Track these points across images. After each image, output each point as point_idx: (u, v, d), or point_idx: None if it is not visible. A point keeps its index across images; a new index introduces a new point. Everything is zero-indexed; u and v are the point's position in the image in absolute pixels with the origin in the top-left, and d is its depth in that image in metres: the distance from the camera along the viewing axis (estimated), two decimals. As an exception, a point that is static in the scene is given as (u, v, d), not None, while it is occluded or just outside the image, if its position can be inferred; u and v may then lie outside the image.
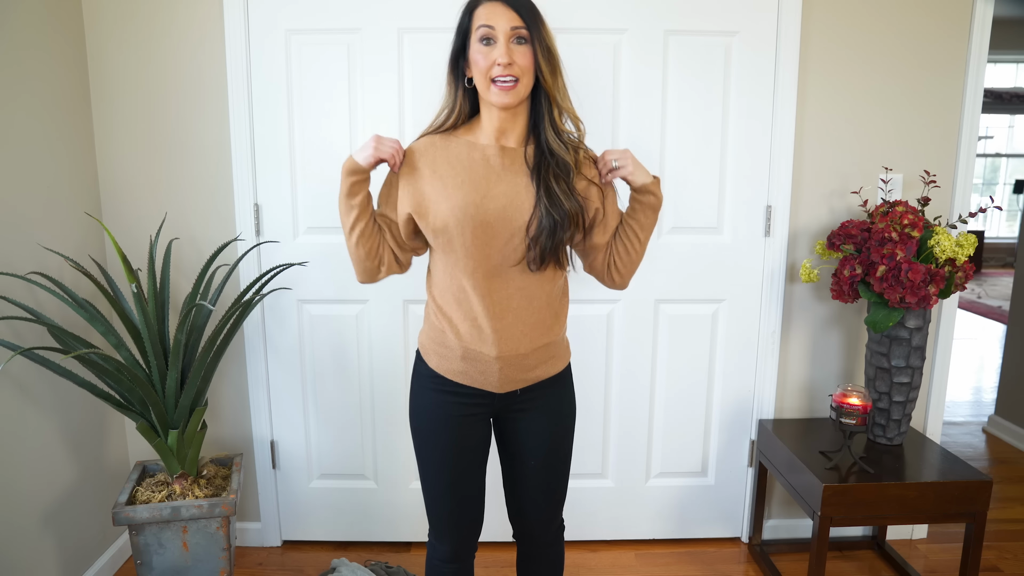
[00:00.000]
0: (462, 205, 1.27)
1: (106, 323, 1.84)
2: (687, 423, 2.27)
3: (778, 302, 2.18)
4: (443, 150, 1.33)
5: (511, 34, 1.23)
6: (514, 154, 1.32)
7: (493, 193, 1.29)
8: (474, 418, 1.41)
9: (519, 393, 1.40)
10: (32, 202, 1.80)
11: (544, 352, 1.39)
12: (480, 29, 1.24)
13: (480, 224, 1.28)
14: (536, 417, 1.43)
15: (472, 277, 1.31)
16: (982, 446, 3.17)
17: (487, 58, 1.23)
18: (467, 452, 1.42)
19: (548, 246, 1.29)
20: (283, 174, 2.09)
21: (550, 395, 1.43)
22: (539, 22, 1.26)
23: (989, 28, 2.07)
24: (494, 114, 1.30)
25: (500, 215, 1.28)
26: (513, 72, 1.23)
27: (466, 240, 1.28)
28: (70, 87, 1.95)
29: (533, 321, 1.35)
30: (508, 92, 1.24)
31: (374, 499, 2.28)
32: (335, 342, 2.18)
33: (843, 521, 1.82)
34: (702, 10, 2.02)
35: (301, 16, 2.00)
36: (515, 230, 1.29)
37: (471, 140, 1.33)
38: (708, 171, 2.11)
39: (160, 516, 1.78)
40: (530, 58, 1.24)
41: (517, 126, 1.32)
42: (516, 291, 1.33)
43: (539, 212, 1.28)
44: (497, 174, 1.30)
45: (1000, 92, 7.08)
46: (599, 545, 2.32)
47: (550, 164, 1.29)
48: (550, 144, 1.30)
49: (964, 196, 2.16)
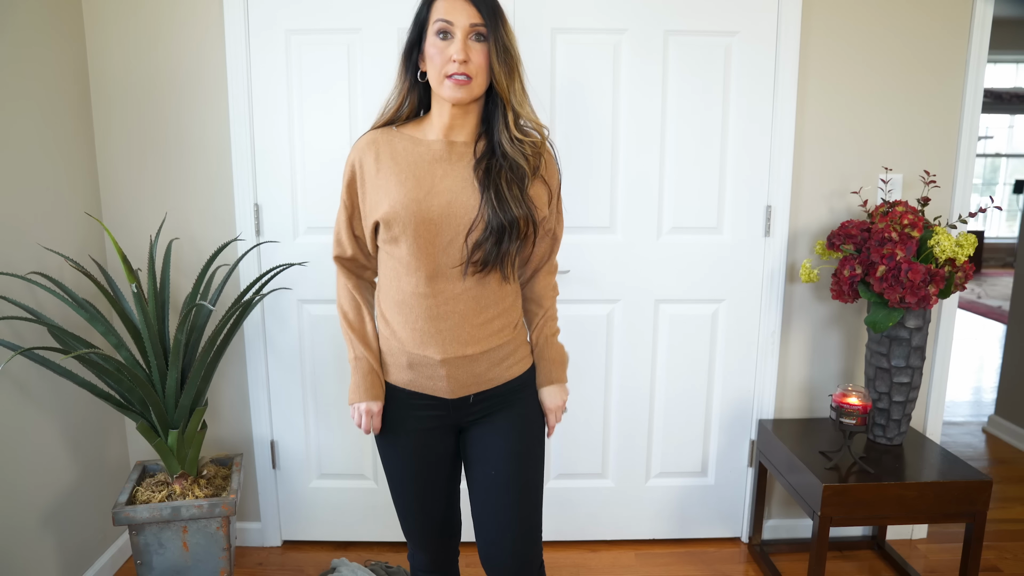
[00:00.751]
0: (404, 202, 1.23)
1: (106, 323, 1.84)
2: (687, 423, 2.27)
3: (778, 302, 2.18)
4: (386, 145, 1.28)
5: (469, 31, 1.19)
6: (463, 149, 1.27)
7: (437, 189, 1.24)
8: (434, 431, 1.35)
9: (471, 400, 1.33)
10: (32, 202, 1.80)
11: (496, 354, 1.32)
12: (438, 23, 1.20)
13: (423, 222, 1.23)
14: (497, 420, 1.35)
15: (415, 276, 1.26)
16: (982, 446, 3.17)
17: (443, 54, 1.20)
18: (430, 467, 1.36)
19: (492, 254, 1.23)
20: (283, 174, 2.09)
21: (510, 402, 1.35)
22: (499, 20, 1.22)
23: (989, 28, 2.07)
24: (445, 109, 1.25)
25: (444, 211, 1.23)
26: (468, 70, 1.19)
27: (408, 238, 1.24)
28: (70, 87, 1.95)
29: (480, 322, 1.29)
30: (461, 87, 1.20)
31: (374, 499, 2.28)
32: (335, 342, 2.18)
33: (843, 521, 1.82)
34: (702, 10, 2.02)
35: (301, 16, 2.00)
36: (459, 229, 1.24)
37: (416, 135, 1.29)
38: (708, 171, 2.11)
39: (160, 516, 1.78)
40: (487, 57, 1.20)
41: (468, 123, 1.27)
42: (462, 292, 1.27)
43: (485, 214, 1.22)
44: (443, 169, 1.25)
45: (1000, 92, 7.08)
46: (599, 545, 2.32)
47: (502, 166, 1.24)
48: (503, 145, 1.25)
49: (964, 196, 2.16)
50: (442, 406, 1.33)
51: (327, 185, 2.09)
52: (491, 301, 1.30)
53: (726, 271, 2.17)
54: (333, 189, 2.09)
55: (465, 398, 1.33)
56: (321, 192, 2.09)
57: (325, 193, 2.09)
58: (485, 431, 1.36)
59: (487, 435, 1.35)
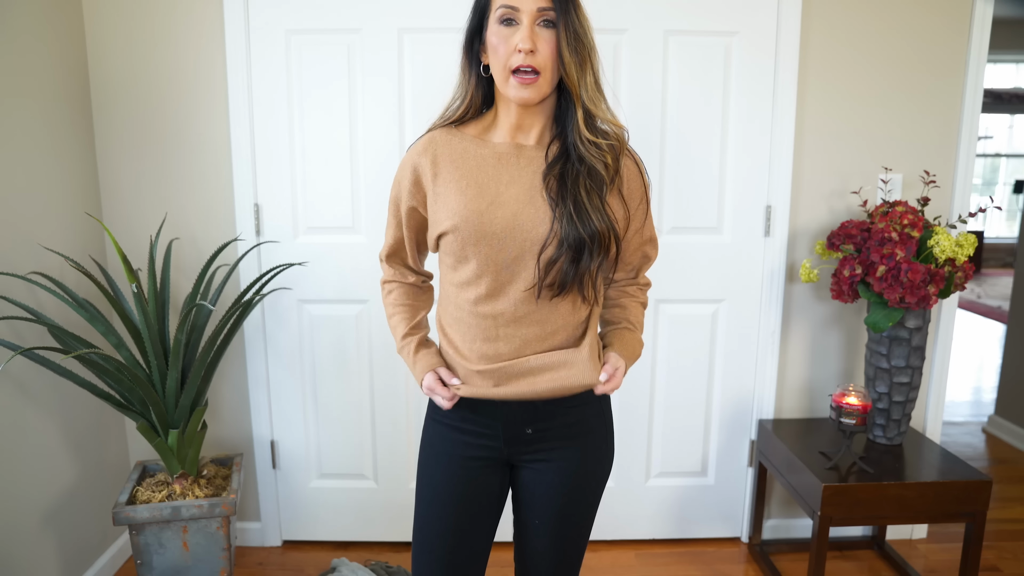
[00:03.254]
0: (464, 214, 1.10)
1: (106, 323, 1.84)
2: (687, 423, 2.27)
3: (778, 302, 2.19)
4: (445, 146, 1.15)
5: (537, 16, 1.05)
6: (532, 153, 1.13)
7: (502, 199, 1.10)
8: (480, 461, 1.20)
9: (529, 432, 1.18)
10: (32, 202, 1.80)
11: (550, 355, 1.14)
12: (500, 8, 1.06)
13: (484, 236, 1.09)
14: (547, 470, 1.20)
15: (474, 294, 1.13)
16: (982, 446, 3.17)
17: (507, 43, 1.06)
18: (469, 501, 1.20)
19: (570, 274, 1.08)
20: (283, 174, 2.09)
21: (571, 445, 1.19)
22: (571, 2, 1.07)
23: (989, 28, 2.07)
24: (511, 109, 1.12)
25: (509, 224, 1.09)
26: (535, 62, 1.05)
27: (468, 255, 1.11)
28: (70, 87, 1.95)
29: (544, 348, 1.15)
30: (528, 86, 1.06)
31: (374, 499, 2.28)
32: (335, 342, 2.18)
33: (843, 521, 1.82)
34: (702, 10, 2.02)
35: (301, 16, 2.00)
36: (527, 246, 1.09)
37: (480, 137, 1.16)
38: (708, 171, 2.11)
39: (160, 516, 1.78)
40: (556, 45, 1.06)
41: (538, 122, 1.14)
42: (526, 315, 1.12)
43: (560, 228, 1.07)
44: (510, 175, 1.12)
45: (1000, 92, 7.08)
46: (599, 545, 2.32)
47: (579, 172, 1.09)
48: (579, 148, 1.10)
49: (964, 196, 2.16)
50: (494, 435, 1.19)
51: (327, 185, 2.09)
52: (560, 325, 1.15)
53: (726, 271, 2.17)
54: (333, 189, 2.09)
55: (522, 429, 1.18)
56: (321, 192, 2.09)
57: (325, 193, 2.09)
58: (535, 476, 1.21)
59: (536, 481, 1.21)
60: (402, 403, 2.22)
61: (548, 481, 1.20)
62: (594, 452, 1.22)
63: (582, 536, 1.27)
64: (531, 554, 1.27)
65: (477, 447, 1.20)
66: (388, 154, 2.06)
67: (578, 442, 1.20)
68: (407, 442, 2.24)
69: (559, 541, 1.24)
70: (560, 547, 1.24)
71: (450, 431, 1.21)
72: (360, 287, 2.14)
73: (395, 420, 2.23)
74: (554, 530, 1.22)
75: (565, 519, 1.22)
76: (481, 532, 1.24)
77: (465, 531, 1.22)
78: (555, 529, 1.22)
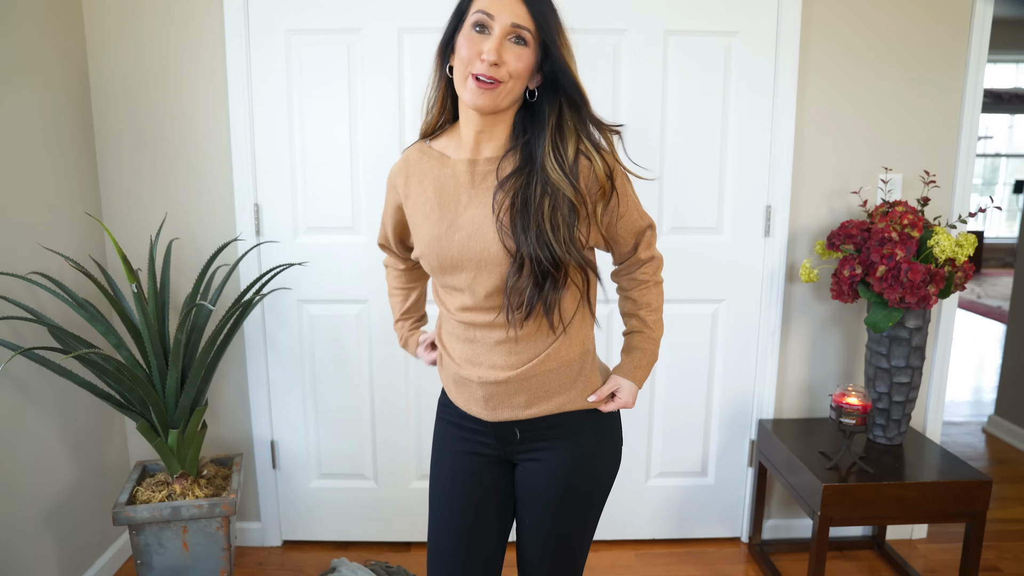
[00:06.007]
0: (427, 239, 1.10)
1: (106, 323, 1.84)
2: (687, 423, 2.27)
3: (778, 302, 2.18)
4: (416, 166, 1.14)
5: (510, 31, 1.01)
6: (487, 167, 1.08)
7: (459, 222, 1.08)
8: (482, 458, 1.20)
9: (516, 435, 1.17)
10: (32, 202, 1.80)
11: (542, 382, 1.13)
12: (476, 14, 1.02)
13: (445, 262, 1.09)
14: (536, 468, 1.18)
15: (452, 312, 1.15)
16: (982, 446, 3.17)
17: (472, 47, 1.01)
18: (479, 499, 1.19)
19: (533, 299, 1.05)
20: (283, 174, 2.09)
21: (564, 446, 1.17)
22: (553, 27, 1.03)
23: (989, 28, 2.07)
24: (471, 117, 1.07)
25: (463, 247, 1.07)
26: (497, 75, 1.01)
27: (441, 275, 1.12)
28: (70, 87, 1.95)
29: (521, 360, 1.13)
30: (485, 92, 1.01)
31: (374, 499, 2.28)
32: (335, 342, 2.18)
33: (843, 521, 1.82)
34: (702, 10, 2.02)
35: (301, 16, 2.00)
36: (485, 269, 1.07)
37: (445, 151, 1.13)
38: (708, 171, 2.11)
39: (160, 516, 1.78)
40: (526, 64, 1.02)
41: (498, 133, 1.09)
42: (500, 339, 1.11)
43: (520, 253, 1.03)
44: (468, 195, 1.08)
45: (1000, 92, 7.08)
46: (599, 545, 2.32)
47: (547, 194, 1.03)
48: (547, 173, 1.04)
49: (964, 196, 2.16)
50: (486, 432, 1.19)
51: (327, 185, 2.09)
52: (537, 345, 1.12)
53: (726, 271, 2.17)
54: (333, 189, 2.09)
55: (510, 430, 1.17)
56: (321, 192, 2.09)
57: (325, 193, 2.09)
58: (524, 474, 1.20)
59: (524, 480, 1.20)
60: (402, 403, 2.21)
61: (540, 480, 1.18)
62: (588, 449, 1.19)
63: (579, 538, 1.22)
64: (523, 556, 1.25)
65: (477, 443, 1.21)
66: (388, 154, 2.06)
67: (570, 441, 1.18)
68: (407, 442, 2.24)
69: (552, 542, 1.20)
70: (552, 549, 1.21)
71: (453, 428, 1.23)
72: (360, 287, 2.14)
73: (395, 420, 2.23)
74: (546, 531, 1.20)
75: (558, 520, 1.19)
76: (493, 533, 1.22)
77: (476, 531, 1.20)
78: (547, 530, 1.19)
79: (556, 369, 1.14)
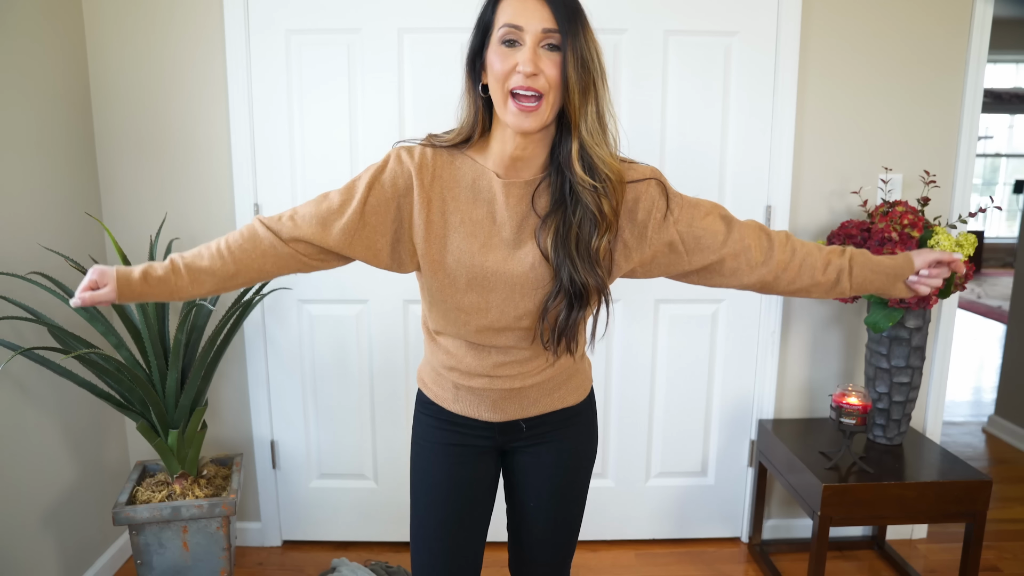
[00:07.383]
0: (457, 252, 1.06)
1: (106, 323, 1.84)
2: (687, 423, 2.27)
3: (778, 302, 2.18)
4: (446, 169, 1.08)
5: (542, 37, 0.97)
6: (523, 192, 1.06)
7: (494, 241, 1.07)
8: (473, 448, 1.22)
9: (523, 428, 1.21)
10: (32, 202, 1.80)
11: (548, 385, 1.19)
12: (503, 28, 0.97)
13: (477, 278, 1.07)
14: (543, 452, 1.23)
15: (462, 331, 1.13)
16: (982, 446, 3.17)
17: (506, 61, 0.97)
18: (464, 487, 1.21)
19: (566, 322, 1.07)
20: (283, 174, 2.09)
21: (564, 431, 1.23)
22: (580, 25, 0.99)
23: (989, 28, 2.07)
24: (508, 135, 1.03)
25: (499, 267, 1.07)
26: (538, 86, 0.96)
27: (454, 297, 1.09)
28: (70, 87, 1.95)
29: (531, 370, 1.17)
30: (529, 115, 0.97)
31: (374, 499, 2.28)
32: (335, 342, 2.18)
33: (843, 521, 1.82)
34: (702, 10, 2.02)
35: (301, 16, 2.00)
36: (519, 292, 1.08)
37: (480, 162, 1.08)
38: (708, 171, 2.11)
39: (160, 516, 1.78)
40: (561, 69, 0.98)
41: (538, 154, 1.05)
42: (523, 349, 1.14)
43: (557, 280, 1.04)
44: (506, 212, 1.06)
45: (1000, 92, 7.08)
46: (599, 545, 2.32)
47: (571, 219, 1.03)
48: (576, 189, 1.01)
49: (964, 196, 2.16)
50: (487, 428, 1.21)
51: (327, 185, 2.08)
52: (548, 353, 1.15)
53: (726, 271, 2.17)
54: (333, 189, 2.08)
55: (516, 425, 1.20)
56: (321, 192, 2.09)
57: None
58: (530, 459, 1.24)
59: (532, 464, 1.24)
60: (402, 403, 2.21)
61: (546, 463, 1.23)
62: (585, 431, 1.27)
63: (576, 521, 1.29)
64: (528, 541, 1.28)
65: (469, 436, 1.22)
66: (388, 154, 2.06)
67: (571, 423, 1.24)
68: (407, 442, 2.23)
69: (556, 524, 1.26)
70: (556, 530, 1.26)
71: (441, 423, 1.23)
72: (360, 287, 2.14)
73: (395, 420, 2.23)
74: (551, 512, 1.25)
75: (561, 500, 1.25)
76: (478, 521, 1.25)
77: (463, 519, 1.22)
78: (552, 511, 1.25)
79: (562, 370, 1.21)
